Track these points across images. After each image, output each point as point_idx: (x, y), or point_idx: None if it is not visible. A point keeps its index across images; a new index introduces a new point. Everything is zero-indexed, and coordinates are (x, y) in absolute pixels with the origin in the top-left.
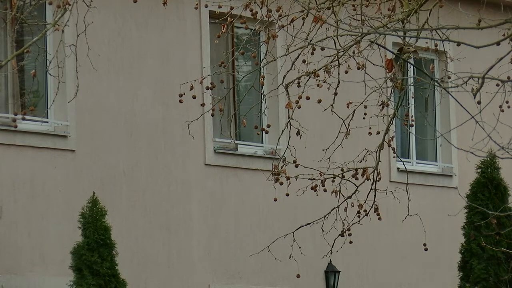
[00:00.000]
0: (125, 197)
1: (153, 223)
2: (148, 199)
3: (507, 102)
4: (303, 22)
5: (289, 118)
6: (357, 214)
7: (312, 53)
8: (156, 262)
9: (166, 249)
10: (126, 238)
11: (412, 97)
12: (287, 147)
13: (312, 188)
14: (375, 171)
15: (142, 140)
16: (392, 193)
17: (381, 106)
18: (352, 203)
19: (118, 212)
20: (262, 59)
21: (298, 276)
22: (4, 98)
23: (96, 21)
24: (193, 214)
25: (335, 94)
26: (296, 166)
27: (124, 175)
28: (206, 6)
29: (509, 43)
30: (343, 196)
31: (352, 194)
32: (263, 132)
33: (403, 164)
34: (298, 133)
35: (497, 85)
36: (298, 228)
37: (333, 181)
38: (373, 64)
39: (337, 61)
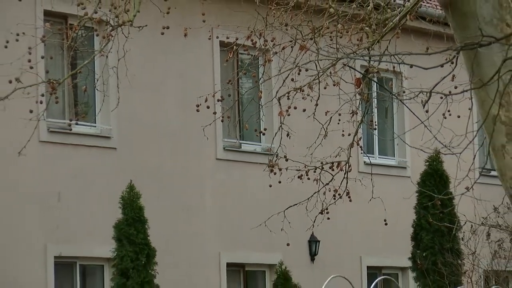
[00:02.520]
0: (155, 184)
1: (175, 204)
2: (172, 186)
3: (448, 111)
4: (292, 50)
5: (281, 123)
6: (333, 197)
7: (299, 73)
8: (178, 234)
9: (186, 224)
10: (155, 215)
11: (375, 107)
12: (279, 145)
13: (298, 177)
14: (347, 164)
15: (167, 140)
16: (360, 181)
17: (351, 114)
18: (329, 188)
19: (149, 196)
20: (260, 78)
21: (287, 244)
22: (62, 107)
23: (133, 48)
24: (207, 198)
25: (316, 105)
26: (286, 160)
27: (154, 167)
28: (217, 37)
29: (450, 65)
30: (322, 183)
31: (329, 181)
32: (261, 134)
33: (368, 159)
34: (288, 135)
35: (441, 97)
36: (288, 207)
37: (314, 171)
38: (346, 82)
39: (317, 80)
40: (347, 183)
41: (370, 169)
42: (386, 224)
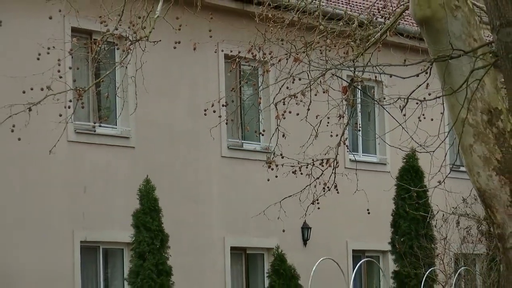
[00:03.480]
0: (168, 179)
1: (186, 195)
2: (183, 180)
3: (423, 115)
4: (287, 61)
5: (277, 125)
6: (323, 190)
7: (293, 82)
8: (188, 221)
9: (195, 213)
10: (168, 206)
11: (360, 111)
12: (276, 144)
13: (293, 172)
14: (335, 161)
15: (179, 140)
16: (346, 176)
17: (338, 117)
18: (319, 182)
19: (163, 189)
20: (260, 86)
21: (283, 231)
22: (87, 112)
23: (149, 60)
24: (213, 190)
25: (308, 109)
26: (282, 157)
27: (167, 163)
28: (222, 50)
29: (425, 75)
30: (313, 177)
31: (319, 176)
32: (260, 134)
33: (353, 156)
34: (283, 135)
35: (417, 103)
36: (283, 199)
37: (306, 167)
38: (334, 90)
39: (309, 88)
40: (335, 177)
41: (355, 165)
42: (369, 213)
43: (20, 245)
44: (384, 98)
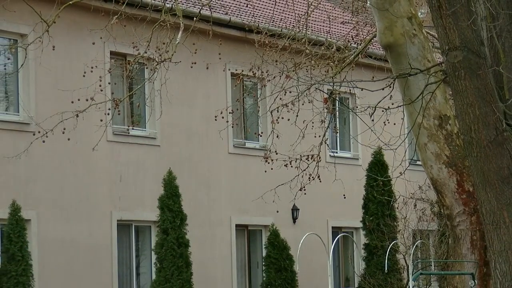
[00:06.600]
0: (186, 171)
1: (200, 183)
2: (198, 171)
3: (388, 120)
4: (280, 78)
5: (272, 128)
6: (308, 179)
7: (285, 94)
8: (201, 203)
9: (207, 197)
10: (186, 191)
11: (337, 117)
12: (272, 143)
13: (285, 165)
14: (318, 156)
15: (195, 140)
16: (327, 168)
17: (321, 122)
18: (305, 173)
19: (182, 178)
20: (258, 97)
21: (277, 211)
22: (122, 117)
23: (171, 77)
24: (222, 179)
25: (297, 116)
26: (276, 153)
27: (186, 158)
28: (229, 69)
29: (389, 88)
30: (301, 169)
31: (306, 168)
32: (259, 135)
33: (332, 152)
34: (277, 136)
35: (383, 111)
36: (277, 186)
37: (295, 161)
38: (317, 100)
39: (298, 99)
40: (318, 169)
41: (334, 160)
42: (344, 197)
43: (73, 222)
44: (357, 107)
